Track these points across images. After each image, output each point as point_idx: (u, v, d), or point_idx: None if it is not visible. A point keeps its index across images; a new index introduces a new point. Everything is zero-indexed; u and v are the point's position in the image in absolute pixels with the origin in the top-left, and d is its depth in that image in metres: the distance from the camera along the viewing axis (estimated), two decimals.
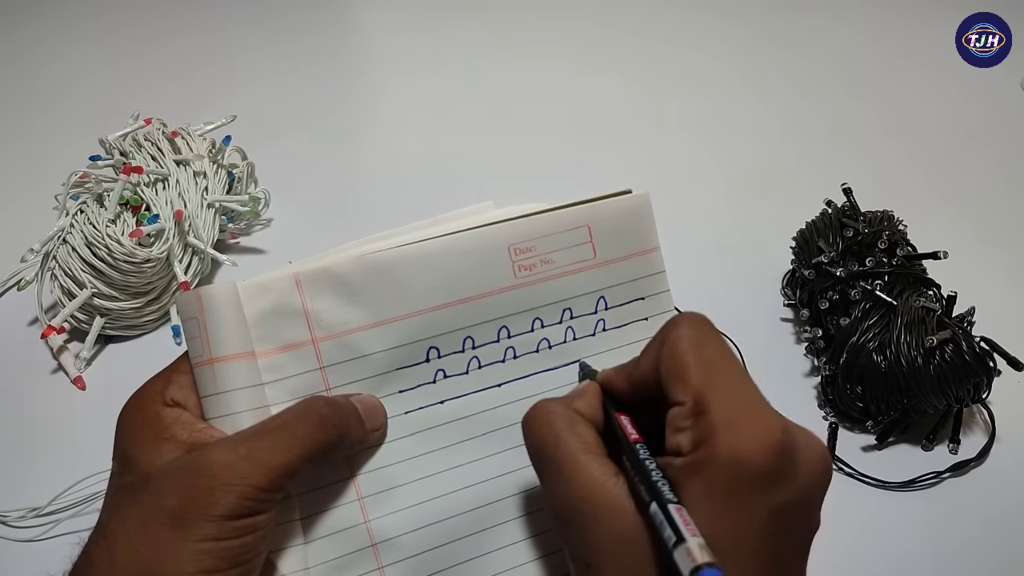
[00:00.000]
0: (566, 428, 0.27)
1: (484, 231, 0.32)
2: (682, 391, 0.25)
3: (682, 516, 0.22)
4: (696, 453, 0.24)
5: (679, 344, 0.26)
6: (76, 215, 0.53)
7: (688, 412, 0.25)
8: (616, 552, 0.24)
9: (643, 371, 0.27)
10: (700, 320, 0.27)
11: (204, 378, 0.29)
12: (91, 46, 0.89)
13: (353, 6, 0.99)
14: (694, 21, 0.92)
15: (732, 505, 0.23)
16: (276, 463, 0.26)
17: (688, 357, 0.25)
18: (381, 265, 0.31)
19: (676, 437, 0.25)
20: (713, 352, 0.26)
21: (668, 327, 0.27)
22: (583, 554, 0.25)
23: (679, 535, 0.22)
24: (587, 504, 0.25)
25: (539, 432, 0.27)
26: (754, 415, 0.24)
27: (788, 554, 0.25)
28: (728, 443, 0.23)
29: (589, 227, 0.33)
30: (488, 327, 0.32)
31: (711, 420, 0.24)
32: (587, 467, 0.26)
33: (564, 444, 0.26)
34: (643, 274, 0.34)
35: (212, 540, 0.25)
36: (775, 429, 0.24)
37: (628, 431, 0.27)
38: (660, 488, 0.24)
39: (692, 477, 0.24)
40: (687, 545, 0.21)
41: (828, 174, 0.64)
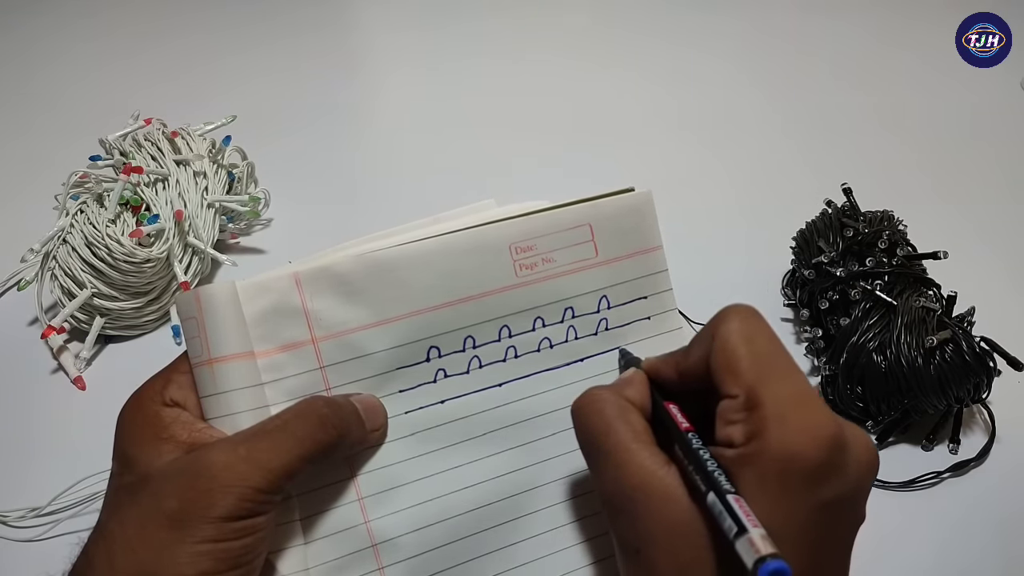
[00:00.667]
0: (617, 416, 0.27)
1: (485, 230, 0.32)
2: (734, 384, 0.25)
3: (742, 507, 0.23)
4: (748, 446, 0.24)
5: (730, 337, 0.26)
6: (76, 215, 0.53)
7: (740, 406, 0.25)
8: (668, 540, 0.24)
9: (692, 362, 0.28)
10: (750, 312, 0.27)
11: (203, 378, 0.29)
12: (91, 45, 0.89)
13: (353, 4, 0.99)
14: (695, 20, 0.92)
15: (784, 498, 0.23)
16: (275, 465, 0.26)
17: (740, 350, 0.25)
18: (381, 264, 0.31)
19: (727, 429, 0.25)
20: (765, 345, 0.26)
21: (719, 319, 0.27)
22: (632, 541, 0.25)
23: (741, 525, 0.22)
24: (639, 492, 0.25)
25: (590, 419, 0.28)
26: (807, 410, 0.24)
27: (835, 547, 0.25)
28: (781, 437, 0.23)
29: (591, 225, 0.33)
30: (489, 326, 0.32)
31: (763, 414, 0.24)
32: (638, 455, 0.26)
33: (615, 432, 0.27)
34: (645, 273, 0.34)
35: (211, 542, 0.25)
36: (828, 424, 0.24)
37: (679, 420, 0.27)
38: (717, 478, 0.24)
39: (743, 469, 0.24)
40: (750, 535, 0.22)
41: (828, 174, 0.64)
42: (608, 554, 0.33)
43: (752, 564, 0.21)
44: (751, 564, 0.21)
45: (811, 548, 0.24)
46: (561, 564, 0.32)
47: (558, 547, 0.32)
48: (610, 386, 0.29)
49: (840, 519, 0.25)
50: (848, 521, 0.25)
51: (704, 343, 0.27)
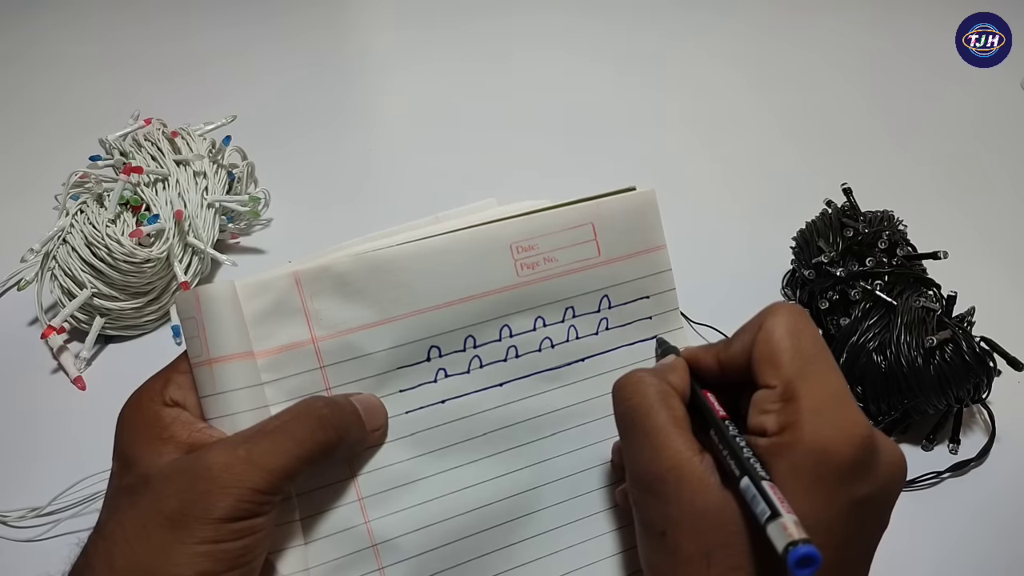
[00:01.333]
0: (658, 399, 0.27)
1: (485, 229, 0.32)
2: (773, 375, 0.26)
3: (776, 493, 0.23)
4: (781, 436, 0.24)
5: (776, 329, 0.26)
6: (76, 215, 0.53)
7: (776, 396, 0.25)
8: (695, 524, 0.25)
9: (734, 352, 0.28)
10: (798, 310, 0.27)
11: (203, 378, 0.29)
12: (91, 46, 0.89)
13: (353, 4, 0.99)
14: (696, 20, 0.92)
15: (814, 491, 0.24)
16: (275, 466, 0.26)
17: (784, 343, 0.26)
18: (381, 264, 0.31)
19: (761, 418, 0.25)
20: (809, 343, 0.26)
21: (766, 312, 0.27)
22: (659, 523, 0.26)
23: (775, 510, 0.22)
24: (672, 474, 0.25)
25: (631, 399, 0.28)
26: (843, 408, 0.25)
27: (859, 548, 0.25)
28: (815, 430, 0.24)
29: (593, 225, 0.33)
30: (490, 326, 0.32)
31: (799, 407, 0.24)
32: (676, 439, 0.26)
33: (656, 414, 0.27)
34: (648, 272, 0.34)
35: (210, 542, 0.25)
36: (862, 424, 0.24)
37: (716, 407, 0.28)
38: (752, 464, 0.24)
39: (776, 458, 0.24)
40: (783, 520, 0.22)
41: (828, 174, 0.64)
42: (609, 552, 0.33)
43: (783, 547, 0.21)
44: (782, 547, 0.22)
45: (837, 545, 0.24)
46: (562, 564, 0.32)
47: (559, 547, 0.32)
48: (653, 369, 0.30)
49: (866, 520, 0.25)
50: (874, 524, 0.26)
51: (748, 334, 0.27)
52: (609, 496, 0.33)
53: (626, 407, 0.28)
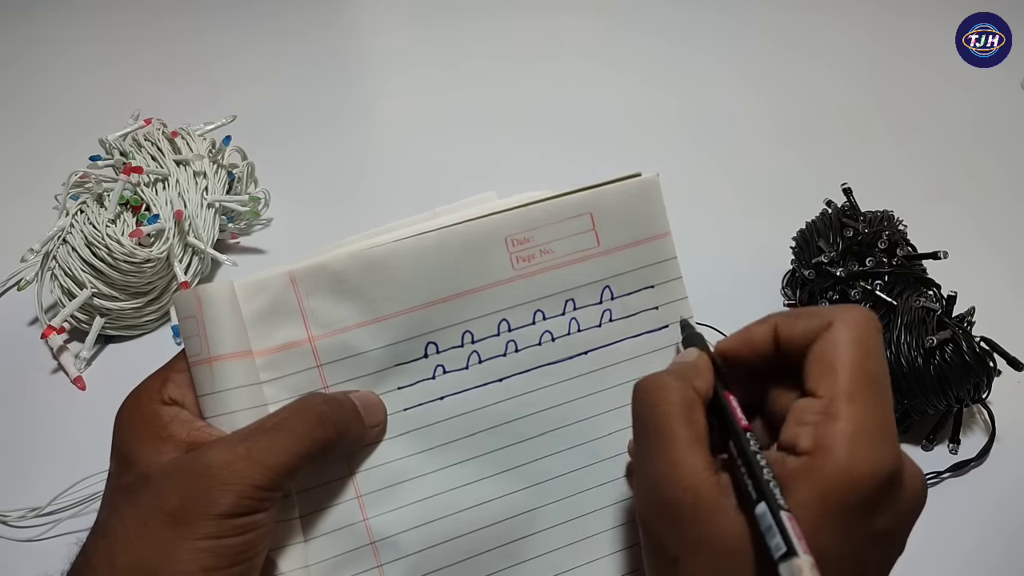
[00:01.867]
0: (681, 412, 0.26)
1: (479, 223, 0.31)
2: (825, 384, 0.25)
3: (795, 528, 0.22)
4: (813, 457, 0.24)
5: (845, 337, 0.25)
6: (76, 215, 0.53)
7: (819, 409, 0.24)
8: (713, 551, 0.24)
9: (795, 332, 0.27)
10: (876, 325, 0.26)
11: (202, 377, 0.29)
12: (91, 46, 0.89)
13: (353, 3, 0.99)
14: (696, 19, 0.92)
15: (839, 520, 0.23)
16: (275, 462, 0.26)
17: (849, 355, 0.25)
18: (376, 261, 0.30)
19: (797, 429, 0.24)
20: (875, 365, 0.25)
21: (840, 311, 0.26)
22: (671, 548, 0.25)
23: (790, 547, 0.22)
24: (690, 495, 0.24)
25: (656, 405, 0.27)
26: (881, 439, 0.24)
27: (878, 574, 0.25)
28: (849, 458, 0.23)
29: (591, 214, 0.32)
30: (487, 321, 0.32)
31: (838, 429, 0.24)
32: (695, 457, 0.25)
33: (677, 427, 0.26)
34: (652, 261, 0.33)
35: (212, 538, 0.25)
36: (894, 458, 0.24)
37: (739, 416, 0.26)
38: (772, 490, 0.23)
39: (806, 481, 0.23)
40: (799, 562, 0.21)
41: (828, 174, 0.64)
42: (609, 550, 0.32)
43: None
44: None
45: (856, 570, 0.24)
46: (562, 561, 0.32)
47: (559, 544, 0.32)
48: (678, 372, 0.28)
49: (884, 550, 0.25)
50: (891, 552, 0.25)
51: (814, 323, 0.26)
52: (611, 493, 0.33)
53: (646, 414, 0.27)
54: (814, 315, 0.27)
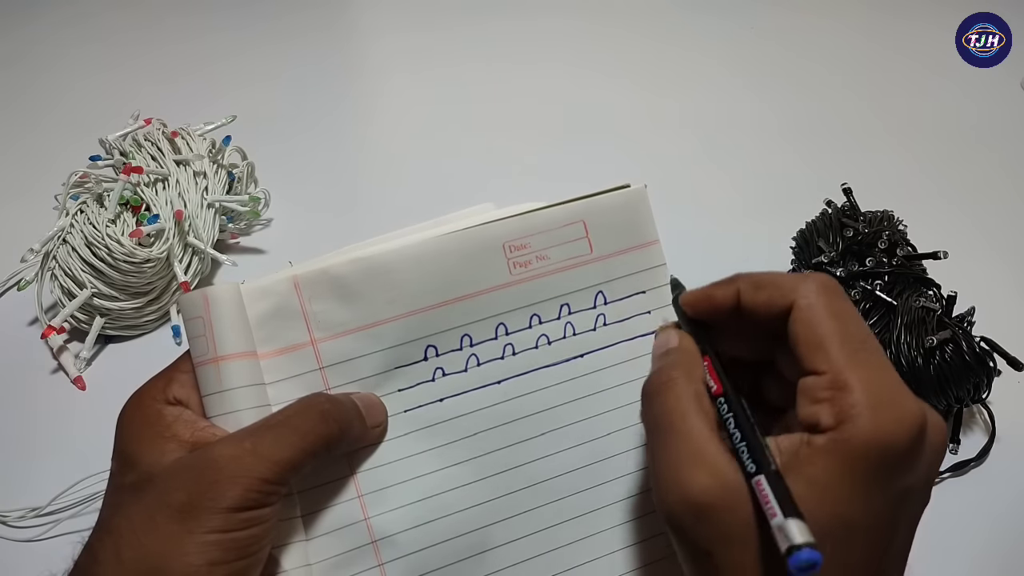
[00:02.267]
0: (695, 405, 0.26)
1: (478, 230, 0.32)
2: (823, 361, 0.25)
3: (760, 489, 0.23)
4: (839, 431, 0.24)
5: (818, 311, 0.26)
6: (76, 215, 0.53)
7: (827, 384, 0.24)
8: (744, 539, 0.24)
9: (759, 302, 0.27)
10: (837, 288, 0.27)
11: (208, 376, 0.29)
12: (91, 46, 0.89)
13: (353, 5, 0.99)
14: (695, 20, 0.92)
15: (872, 487, 0.23)
16: (280, 457, 0.27)
17: (830, 327, 0.25)
18: (377, 266, 0.31)
19: (813, 408, 0.24)
20: (854, 327, 0.26)
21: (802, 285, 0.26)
22: (703, 543, 0.24)
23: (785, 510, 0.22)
24: (714, 484, 0.24)
25: (665, 405, 0.27)
26: (898, 398, 0.24)
27: (906, 529, 0.25)
28: (876, 425, 0.23)
29: (584, 222, 0.33)
30: (485, 324, 0.32)
31: (855, 399, 0.24)
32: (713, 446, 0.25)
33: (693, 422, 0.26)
34: (642, 268, 0.34)
35: (219, 532, 0.25)
36: (917, 413, 0.24)
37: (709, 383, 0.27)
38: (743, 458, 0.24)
39: (832, 457, 0.23)
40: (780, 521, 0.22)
41: (828, 174, 0.64)
42: (608, 549, 0.33)
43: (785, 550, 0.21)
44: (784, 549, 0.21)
45: (887, 532, 0.24)
46: (561, 560, 0.32)
47: (558, 543, 0.32)
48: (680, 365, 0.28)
49: (914, 503, 0.25)
50: (919, 504, 0.25)
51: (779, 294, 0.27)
52: (608, 493, 0.33)
53: (658, 412, 0.27)
54: (777, 286, 0.27)
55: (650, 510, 0.33)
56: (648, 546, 0.33)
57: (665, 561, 0.33)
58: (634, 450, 0.33)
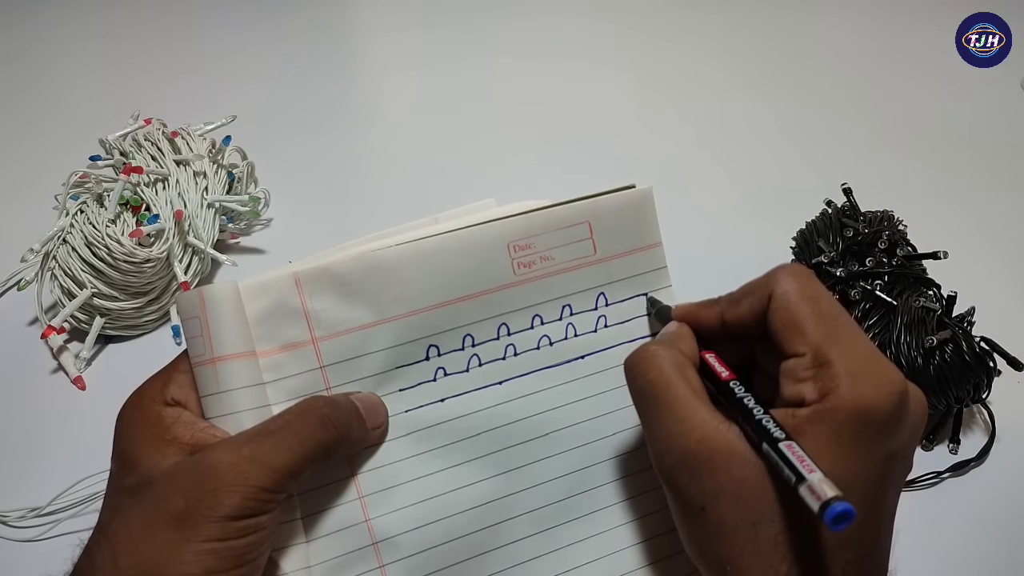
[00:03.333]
0: (675, 371, 0.27)
1: (482, 229, 0.32)
2: (800, 343, 0.26)
3: (795, 452, 0.23)
4: (823, 403, 0.25)
5: (792, 296, 0.27)
6: (76, 215, 0.53)
7: (808, 363, 0.26)
8: (735, 494, 0.25)
9: (741, 314, 0.28)
10: (808, 273, 0.28)
11: (206, 377, 0.29)
12: (91, 45, 0.89)
13: (352, 4, 0.99)
14: (695, 20, 0.92)
15: (858, 452, 0.24)
16: (279, 464, 0.26)
17: (804, 310, 0.26)
18: (380, 264, 0.31)
19: (797, 387, 0.26)
20: (828, 306, 0.27)
21: (774, 277, 0.28)
22: (695, 498, 0.26)
23: (797, 473, 0.23)
24: (703, 446, 0.25)
25: (648, 373, 0.28)
26: (877, 366, 0.25)
27: (892, 494, 0.26)
28: (856, 393, 0.24)
29: (589, 223, 0.33)
30: (487, 324, 0.32)
31: (835, 371, 0.25)
32: (699, 410, 0.26)
33: (675, 386, 0.27)
34: (645, 269, 0.34)
35: (216, 540, 0.25)
36: (897, 380, 0.25)
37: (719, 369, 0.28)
38: (767, 425, 0.24)
39: (818, 426, 0.24)
40: (809, 482, 0.22)
41: (828, 174, 0.64)
42: (609, 550, 0.33)
43: (818, 508, 0.22)
44: (816, 509, 0.22)
45: (875, 497, 0.25)
46: (562, 561, 0.32)
47: (559, 544, 0.32)
48: (663, 341, 0.30)
49: (899, 469, 0.26)
50: (902, 469, 0.26)
51: (756, 296, 0.28)
52: (609, 494, 0.33)
53: (643, 382, 0.28)
54: (753, 291, 0.28)
55: (651, 511, 0.33)
56: (650, 546, 0.33)
57: (668, 560, 0.33)
58: (635, 451, 0.33)
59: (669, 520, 0.29)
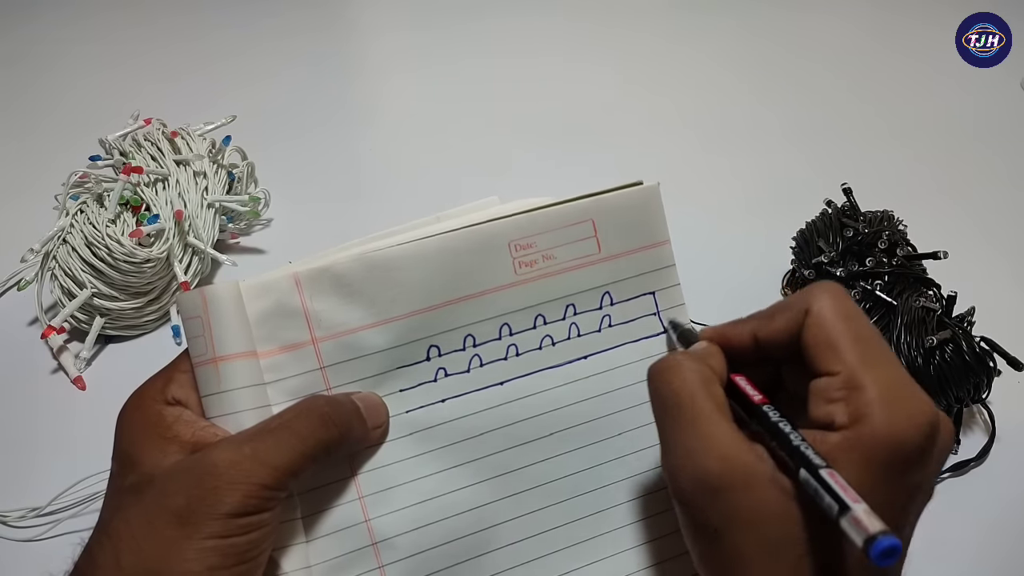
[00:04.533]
0: (701, 385, 0.26)
1: (483, 228, 0.31)
2: (835, 362, 0.25)
3: (838, 481, 0.22)
4: (854, 428, 0.24)
5: (828, 314, 0.26)
6: (76, 215, 0.53)
7: (840, 384, 0.25)
8: (755, 521, 0.24)
9: (776, 330, 0.28)
10: (843, 292, 0.27)
11: (207, 377, 0.29)
12: (91, 46, 0.89)
13: (352, 4, 0.99)
14: (697, 21, 0.92)
15: (886, 481, 0.24)
16: (280, 462, 0.27)
17: (839, 328, 0.26)
18: (380, 264, 0.31)
19: (828, 408, 0.25)
20: (864, 328, 0.26)
21: (812, 294, 0.27)
22: (713, 520, 0.25)
23: (842, 503, 0.22)
24: (725, 465, 0.24)
25: (672, 384, 0.27)
26: (910, 395, 0.25)
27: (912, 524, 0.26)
28: (890, 422, 0.24)
29: (593, 221, 0.32)
30: (489, 324, 0.32)
31: (869, 397, 0.24)
32: (723, 426, 0.25)
33: (700, 400, 0.26)
34: (651, 268, 0.33)
35: (218, 537, 0.25)
36: (929, 411, 0.24)
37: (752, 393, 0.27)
38: (806, 452, 0.24)
39: (849, 453, 0.24)
40: (854, 513, 0.21)
41: (828, 174, 0.64)
42: (611, 552, 0.33)
43: (863, 541, 0.21)
44: (861, 542, 0.21)
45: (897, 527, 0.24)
46: (564, 563, 0.32)
47: (560, 546, 0.32)
48: (691, 353, 0.29)
49: (920, 497, 0.25)
50: (923, 499, 0.26)
51: (792, 313, 0.27)
52: (612, 495, 0.33)
53: (667, 391, 0.27)
54: (788, 307, 0.27)
55: (654, 512, 0.33)
56: (653, 547, 0.33)
57: (671, 562, 0.33)
58: (638, 452, 0.33)
59: (673, 522, 0.29)
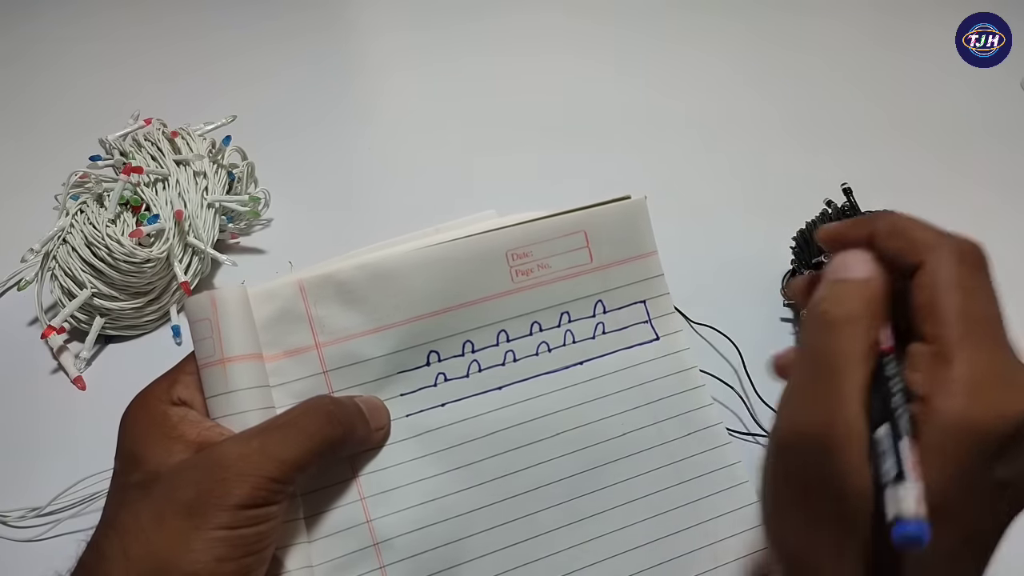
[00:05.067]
0: (864, 356, 0.24)
1: (482, 238, 0.32)
2: (932, 328, 0.23)
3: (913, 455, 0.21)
4: (928, 403, 0.22)
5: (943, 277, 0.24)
6: (76, 215, 0.53)
7: (932, 353, 0.23)
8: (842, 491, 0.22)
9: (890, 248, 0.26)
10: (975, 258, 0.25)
11: (214, 378, 0.29)
12: (91, 45, 0.89)
13: (352, 4, 0.99)
14: (697, 22, 0.92)
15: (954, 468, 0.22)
16: (288, 456, 0.27)
17: (951, 299, 0.24)
18: (382, 272, 0.31)
19: (912, 377, 0.23)
20: (982, 305, 0.24)
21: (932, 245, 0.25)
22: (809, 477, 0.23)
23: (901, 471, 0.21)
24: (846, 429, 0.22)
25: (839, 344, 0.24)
26: (1002, 383, 0.22)
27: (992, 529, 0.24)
28: (968, 405, 0.22)
29: (585, 232, 0.34)
30: (487, 331, 0.33)
31: (953, 375, 0.22)
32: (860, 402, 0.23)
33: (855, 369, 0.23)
34: (641, 278, 0.35)
35: (226, 529, 0.25)
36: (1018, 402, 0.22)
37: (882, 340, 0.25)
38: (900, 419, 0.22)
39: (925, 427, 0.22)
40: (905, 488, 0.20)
41: (828, 174, 0.64)
42: (606, 554, 0.33)
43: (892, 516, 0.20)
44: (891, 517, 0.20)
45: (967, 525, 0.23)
46: (561, 565, 0.32)
47: (557, 548, 0.32)
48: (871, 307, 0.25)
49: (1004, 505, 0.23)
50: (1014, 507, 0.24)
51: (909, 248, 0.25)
52: (608, 498, 0.33)
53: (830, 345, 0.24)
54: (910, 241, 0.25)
55: (653, 514, 0.33)
56: (653, 548, 0.33)
57: (672, 562, 0.33)
58: (633, 455, 0.34)
59: (671, 523, 0.29)
